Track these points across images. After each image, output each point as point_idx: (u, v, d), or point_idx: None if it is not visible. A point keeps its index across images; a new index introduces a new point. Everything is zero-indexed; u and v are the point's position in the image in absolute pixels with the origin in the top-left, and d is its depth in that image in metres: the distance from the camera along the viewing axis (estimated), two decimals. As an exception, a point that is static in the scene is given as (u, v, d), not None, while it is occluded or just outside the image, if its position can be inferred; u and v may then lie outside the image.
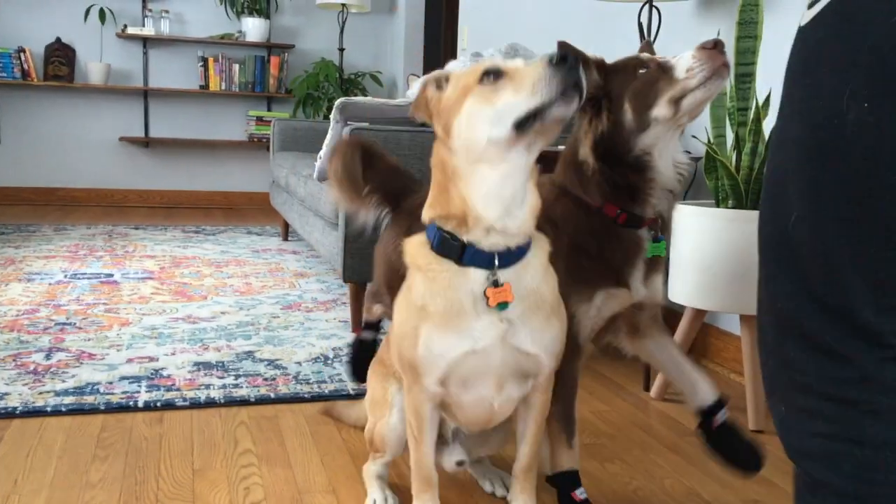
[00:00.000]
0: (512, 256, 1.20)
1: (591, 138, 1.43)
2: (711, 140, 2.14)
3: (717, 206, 2.15)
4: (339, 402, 1.96)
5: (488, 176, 1.15)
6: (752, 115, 2.06)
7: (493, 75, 1.14)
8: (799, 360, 0.85)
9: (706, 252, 2.05)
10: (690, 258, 2.10)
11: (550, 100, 1.09)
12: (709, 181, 2.15)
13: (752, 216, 2.04)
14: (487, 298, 1.19)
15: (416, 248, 1.27)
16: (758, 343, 0.93)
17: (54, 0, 5.67)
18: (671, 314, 2.46)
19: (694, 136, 2.64)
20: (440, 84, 1.24)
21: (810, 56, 0.82)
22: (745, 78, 2.07)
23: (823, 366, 0.83)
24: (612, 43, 3.18)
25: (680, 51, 1.44)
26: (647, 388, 2.28)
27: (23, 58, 5.55)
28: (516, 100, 1.11)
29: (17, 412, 1.90)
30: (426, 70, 6.19)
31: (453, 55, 6.02)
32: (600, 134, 1.43)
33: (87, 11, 5.62)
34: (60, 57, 5.65)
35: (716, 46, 1.38)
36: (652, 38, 2.51)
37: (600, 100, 1.44)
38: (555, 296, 1.29)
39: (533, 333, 1.24)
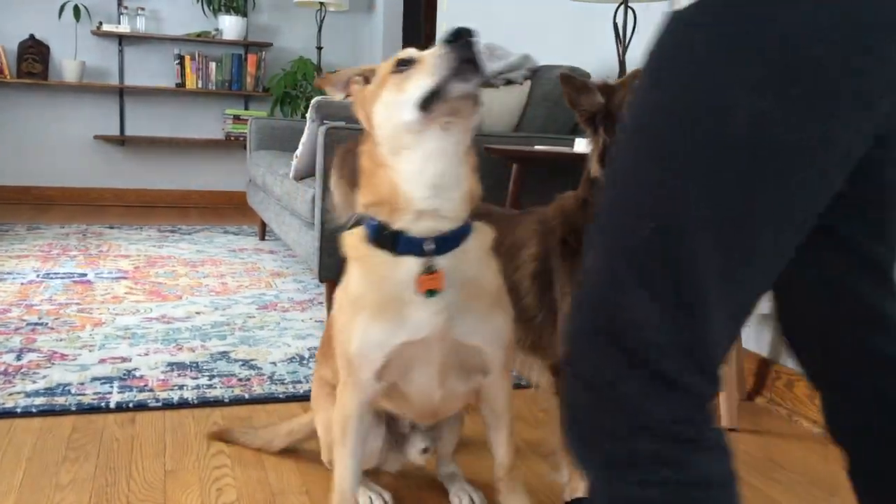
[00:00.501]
0: (447, 243, 1.20)
1: (597, 153, 1.51)
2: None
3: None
4: (236, 428, 1.82)
5: (411, 159, 1.17)
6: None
7: (406, 63, 1.17)
8: (636, 396, 0.75)
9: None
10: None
11: (444, 77, 1.10)
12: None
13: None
14: (419, 286, 1.18)
15: (353, 240, 1.27)
16: (570, 383, 0.80)
17: (28, -4, 5.60)
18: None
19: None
20: (368, 79, 1.26)
21: (688, 45, 0.75)
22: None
23: (665, 400, 0.75)
24: (590, 44, 3.20)
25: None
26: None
27: (-5, 55, 5.47)
28: (418, 83, 1.13)
29: (-14, 414, 1.87)
30: (405, 69, 6.19)
31: (432, 54, 6.02)
32: (603, 148, 1.49)
33: (62, 8, 5.55)
34: (34, 54, 5.58)
35: None
36: (627, 40, 2.53)
37: (601, 116, 1.50)
38: (497, 286, 1.28)
39: (474, 324, 1.23)
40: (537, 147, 2.53)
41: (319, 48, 5.97)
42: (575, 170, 2.66)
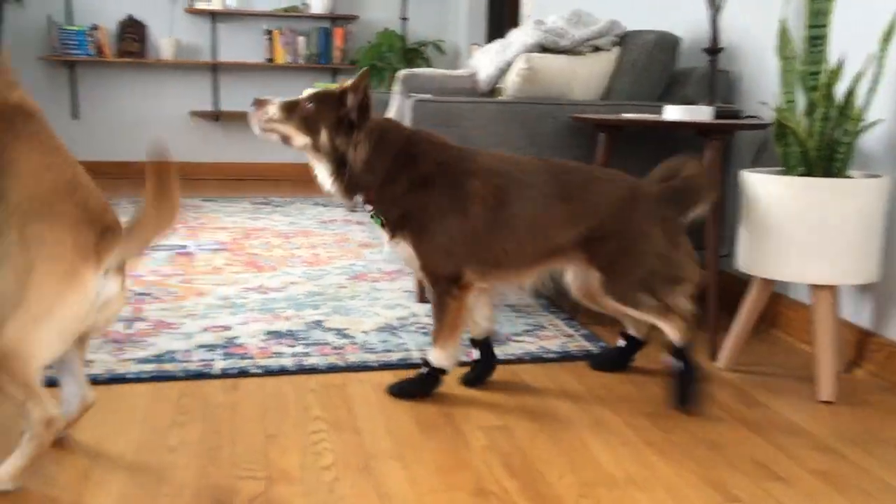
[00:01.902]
0: None
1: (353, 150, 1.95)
2: (782, 105, 2.09)
3: (787, 173, 2.10)
4: None
5: None
6: (822, 78, 2.00)
7: None
8: None
9: (775, 220, 2.02)
10: (759, 226, 2.06)
11: None
12: (778, 148, 2.10)
13: (823, 184, 1.99)
14: None
15: None
16: None
17: (125, -22, 5.81)
18: (739, 282, 2.43)
19: (762, 102, 2.57)
20: None
21: None
22: (817, 41, 2.01)
23: None
24: (680, 8, 3.11)
25: (752, 20, 1.42)
26: (714, 359, 2.26)
27: (97, 35, 5.72)
28: None
29: (102, 379, 2.00)
30: (489, 38, 6.15)
31: (516, 23, 5.96)
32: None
33: (157, -12, 5.75)
34: (132, 33, 5.80)
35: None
36: (720, 5, 2.45)
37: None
38: None
39: None
40: (625, 115, 2.49)
41: (404, 19, 6.00)
42: (664, 138, 2.61)
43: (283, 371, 2.10)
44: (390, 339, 2.38)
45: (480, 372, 2.08)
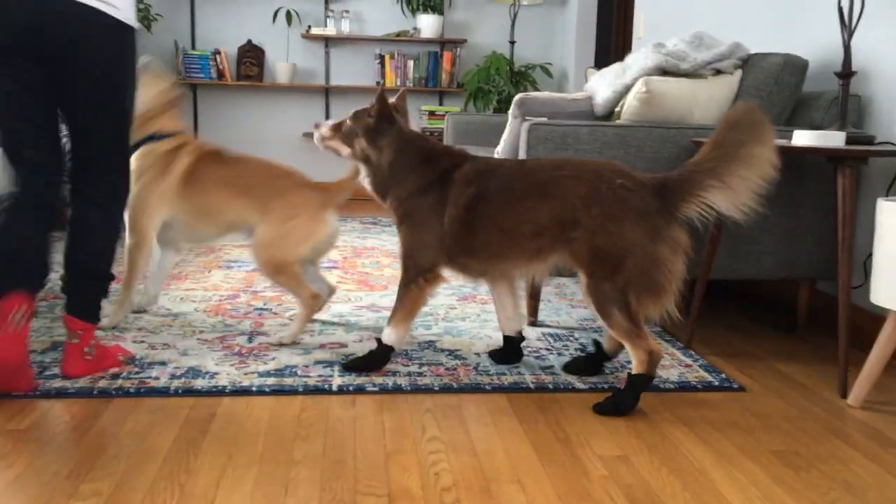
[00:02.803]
0: None
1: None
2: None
3: (929, 202, 1.99)
4: None
5: None
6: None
7: None
8: None
9: (916, 252, 1.91)
10: (894, 259, 1.96)
11: None
12: (919, 176, 1.99)
13: (972, 214, 1.88)
14: None
15: None
16: None
17: (246, 4, 6.07)
18: (874, 319, 2.32)
19: (899, 127, 2.45)
20: None
21: None
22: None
23: None
24: (808, 29, 3.01)
25: (884, 42, 1.36)
26: (845, 395, 2.15)
27: (218, 59, 5.99)
28: None
29: (227, 391, 2.07)
30: (598, 60, 6.11)
31: (626, 45, 5.90)
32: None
33: (276, 14, 5.98)
34: (251, 58, 6.05)
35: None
36: (853, 24, 2.36)
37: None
38: None
39: None
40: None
41: (512, 43, 6.03)
42: (791, 164, 2.52)
43: (398, 389, 2.13)
44: (503, 361, 2.37)
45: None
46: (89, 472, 1.62)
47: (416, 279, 2.22)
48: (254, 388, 2.09)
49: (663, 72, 2.73)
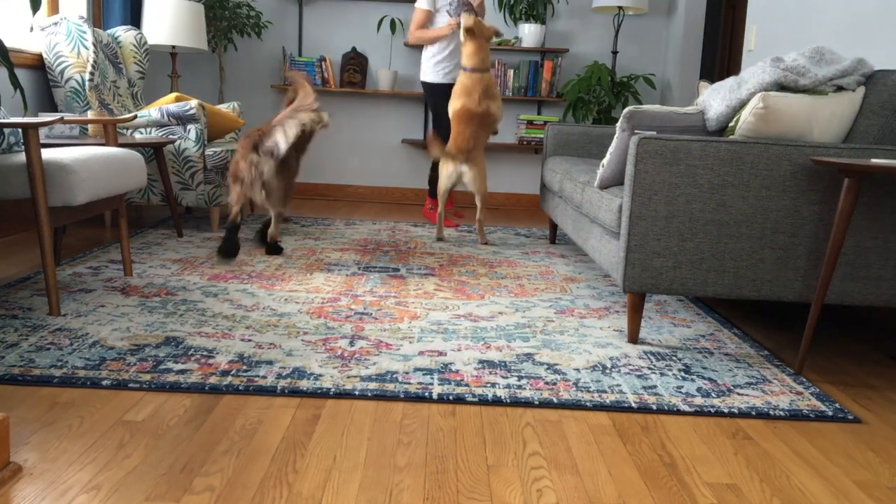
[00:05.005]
0: None
1: None
2: None
3: None
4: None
5: None
6: None
7: None
8: None
9: None
10: None
11: None
12: None
13: None
14: None
15: None
16: None
17: (352, 12, 6.20)
18: None
19: None
20: None
21: None
22: None
23: None
24: (936, 43, 2.86)
25: None
26: (972, 434, 2.03)
27: (324, 66, 6.13)
28: None
29: (331, 393, 2.11)
30: (703, 72, 5.96)
31: (733, 57, 5.74)
32: None
33: (380, 22, 6.08)
34: (355, 65, 6.17)
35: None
36: None
37: None
38: None
39: None
40: (874, 161, 2.31)
41: (615, 53, 5.95)
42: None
43: (497, 401, 2.12)
44: (603, 378, 2.33)
45: None
46: (202, 466, 1.68)
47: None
48: (356, 392, 2.12)
49: (781, 87, 2.63)
